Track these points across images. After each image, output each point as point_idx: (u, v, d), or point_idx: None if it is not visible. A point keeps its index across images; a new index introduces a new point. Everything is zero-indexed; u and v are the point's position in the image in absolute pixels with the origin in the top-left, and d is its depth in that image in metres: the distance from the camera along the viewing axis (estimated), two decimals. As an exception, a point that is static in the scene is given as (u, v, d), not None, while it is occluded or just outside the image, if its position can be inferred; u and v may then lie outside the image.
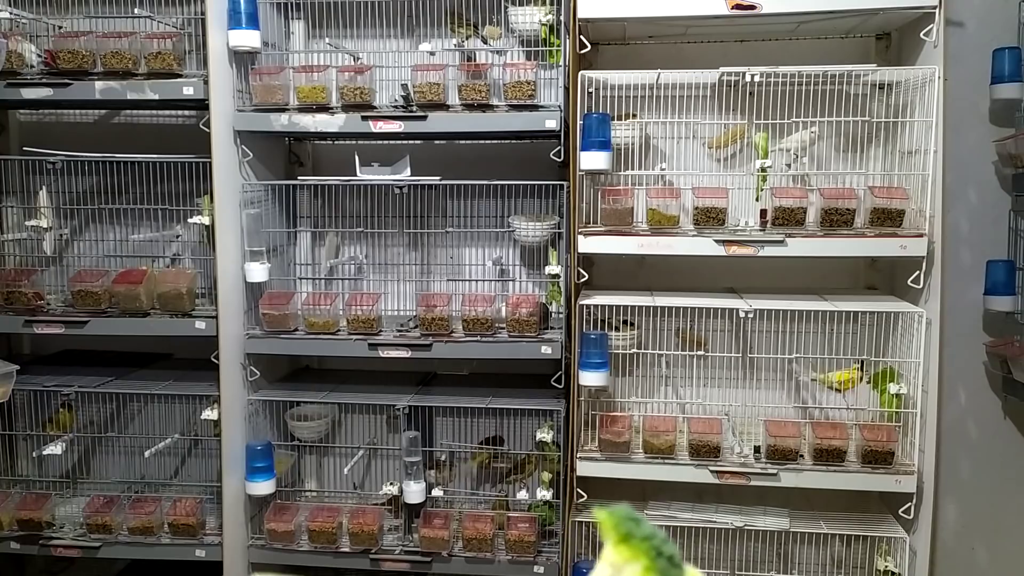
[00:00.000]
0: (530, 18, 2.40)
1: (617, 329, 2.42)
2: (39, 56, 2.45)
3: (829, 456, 2.27)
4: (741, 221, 2.31)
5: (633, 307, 2.39)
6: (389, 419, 2.75)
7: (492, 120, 2.36)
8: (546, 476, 2.47)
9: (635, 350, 2.44)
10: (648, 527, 0.36)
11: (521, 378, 2.69)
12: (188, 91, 2.35)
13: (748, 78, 2.27)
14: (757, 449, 2.32)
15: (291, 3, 2.57)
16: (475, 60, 2.46)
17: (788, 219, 2.24)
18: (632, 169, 2.45)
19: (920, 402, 2.24)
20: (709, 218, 2.26)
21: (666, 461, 2.32)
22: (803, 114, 2.35)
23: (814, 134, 2.37)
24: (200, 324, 2.42)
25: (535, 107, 2.35)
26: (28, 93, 2.40)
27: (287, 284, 2.71)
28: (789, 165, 2.47)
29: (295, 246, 2.81)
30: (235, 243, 2.47)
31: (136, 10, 2.44)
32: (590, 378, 2.27)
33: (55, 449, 2.49)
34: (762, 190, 2.29)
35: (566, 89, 2.34)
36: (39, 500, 2.55)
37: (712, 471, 2.29)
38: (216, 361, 2.39)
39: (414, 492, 2.45)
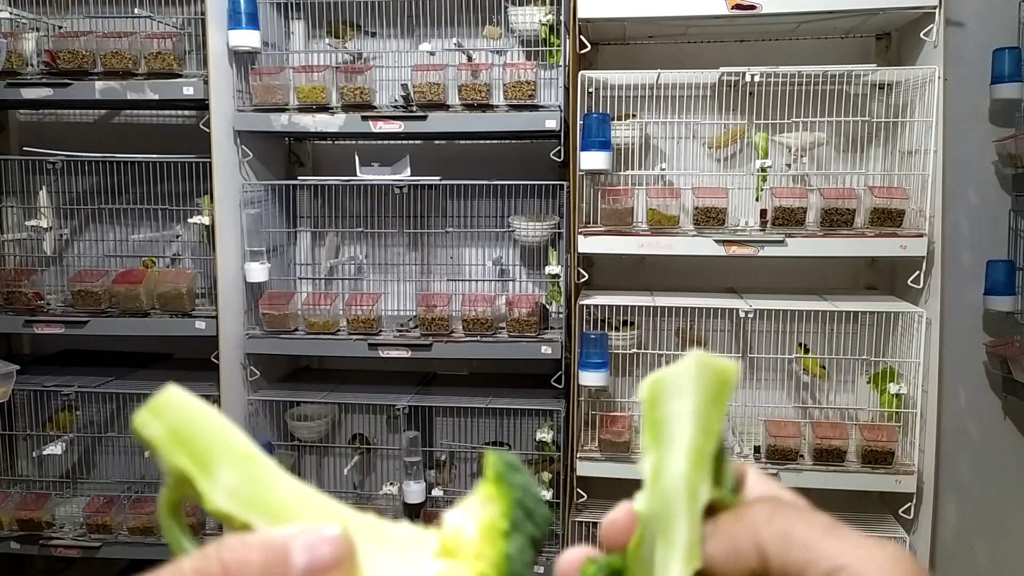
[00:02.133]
0: (530, 18, 2.40)
1: (617, 329, 2.42)
2: (39, 56, 2.45)
3: (829, 456, 2.27)
4: (741, 221, 2.31)
5: (633, 307, 2.39)
6: (389, 419, 2.75)
7: (492, 120, 2.36)
8: (546, 476, 2.47)
9: (635, 350, 2.44)
10: (524, 479, 0.36)
11: (521, 378, 2.69)
12: (188, 91, 2.35)
13: (748, 78, 2.27)
14: (757, 449, 2.32)
15: (291, 3, 2.58)
16: (475, 60, 2.46)
17: (788, 219, 2.24)
18: (632, 169, 2.46)
19: (920, 402, 2.24)
20: (709, 218, 2.27)
21: (666, 461, 2.31)
22: (803, 114, 2.35)
23: (821, 138, 2.37)
24: (200, 324, 2.42)
25: (535, 107, 2.35)
26: (28, 93, 2.40)
27: (287, 284, 2.71)
28: (789, 165, 2.47)
29: (295, 246, 2.82)
30: (235, 243, 2.47)
31: (136, 10, 2.44)
32: (590, 378, 2.27)
33: (55, 449, 2.49)
34: (762, 190, 2.29)
35: (566, 89, 2.34)
36: (39, 500, 2.55)
37: (712, 471, 2.28)
38: (216, 361, 2.39)
39: (414, 492, 2.45)
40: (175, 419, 0.34)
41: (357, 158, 2.48)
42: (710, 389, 0.35)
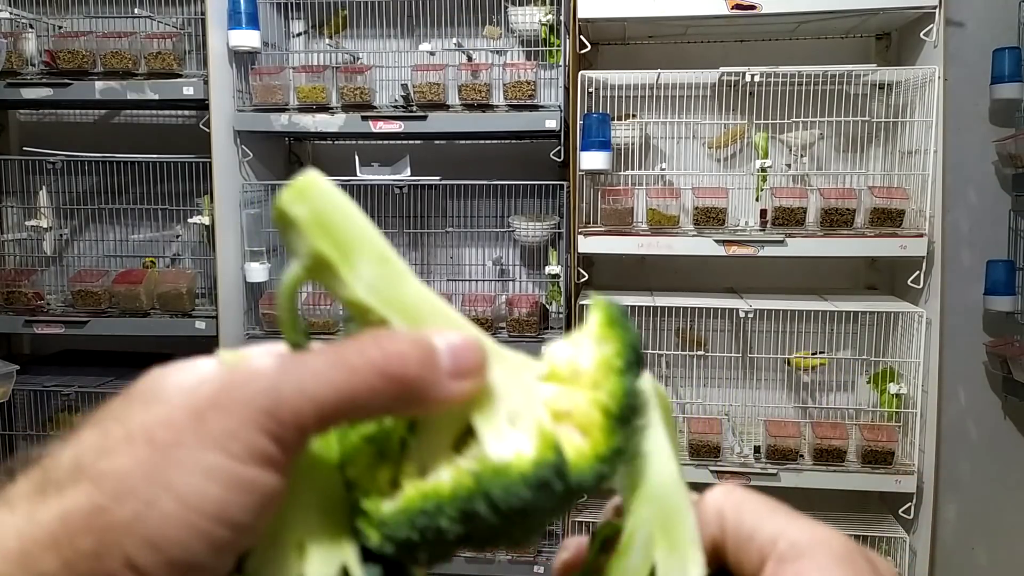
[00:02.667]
0: (530, 18, 2.40)
1: (617, 329, 2.41)
2: (40, 56, 2.45)
3: (829, 456, 2.27)
4: (741, 221, 2.31)
5: (633, 307, 2.39)
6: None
7: (492, 120, 2.37)
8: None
9: (635, 350, 2.44)
10: (633, 327, 0.37)
11: (521, 378, 2.69)
12: (188, 91, 2.35)
13: (748, 78, 2.27)
14: (757, 449, 2.33)
15: (291, 3, 2.58)
16: (475, 60, 2.46)
17: (788, 219, 2.24)
18: (632, 169, 2.46)
19: (920, 402, 2.24)
20: (709, 218, 2.27)
21: (666, 461, 2.31)
22: (803, 114, 2.35)
23: (814, 135, 2.37)
24: (200, 324, 2.42)
25: (535, 107, 2.35)
26: (28, 93, 2.40)
27: (287, 284, 2.70)
28: (789, 165, 2.47)
29: (295, 246, 2.81)
30: (235, 243, 2.47)
31: (136, 10, 2.45)
32: (590, 378, 2.27)
33: (55, 449, 2.49)
34: (762, 190, 2.29)
35: (566, 89, 2.34)
36: (39, 500, 2.55)
37: (712, 471, 2.29)
38: (216, 361, 2.38)
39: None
40: (319, 203, 0.33)
41: (357, 158, 2.48)
42: (663, 405, 0.36)
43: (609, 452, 0.33)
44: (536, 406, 0.33)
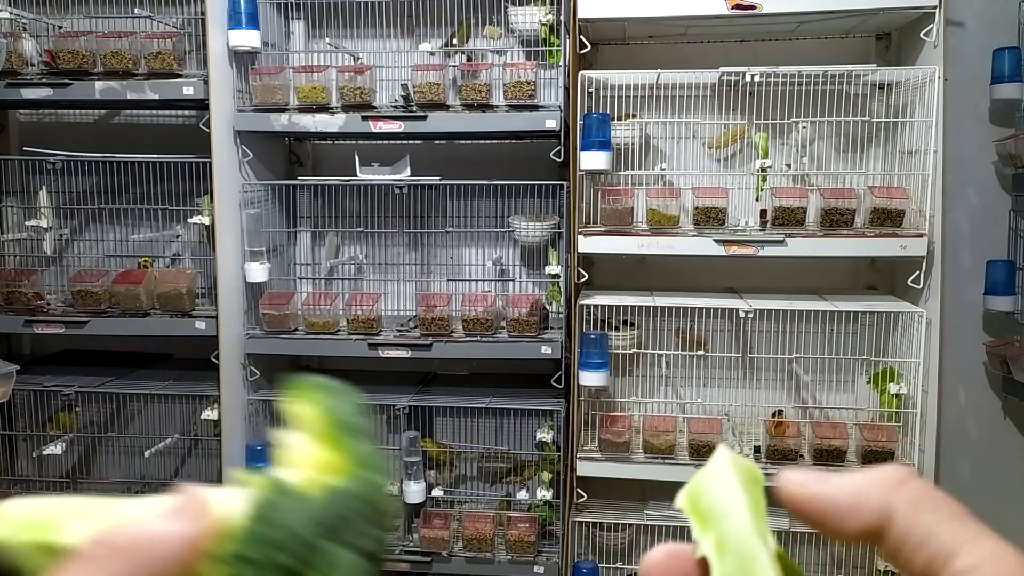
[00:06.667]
0: (530, 18, 2.40)
1: (617, 329, 2.42)
2: (39, 56, 2.45)
3: (829, 456, 2.27)
4: (741, 221, 2.32)
5: (633, 307, 2.39)
6: (389, 419, 2.75)
7: (492, 120, 2.36)
8: (546, 476, 2.47)
9: (635, 350, 2.44)
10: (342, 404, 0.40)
11: (521, 378, 2.69)
12: (188, 91, 2.35)
13: (748, 78, 2.27)
14: (757, 449, 2.32)
15: (291, 3, 2.58)
16: (475, 60, 2.46)
17: (788, 219, 2.24)
18: (632, 169, 2.46)
19: (920, 402, 2.24)
20: (709, 218, 2.27)
21: (666, 461, 2.32)
22: (803, 114, 2.35)
23: (805, 130, 2.37)
24: (200, 324, 2.42)
25: (535, 107, 2.35)
26: (28, 93, 2.40)
27: (287, 284, 2.71)
28: (789, 165, 2.47)
29: (295, 246, 2.81)
30: (235, 243, 2.47)
31: (136, 10, 2.44)
32: (590, 378, 2.27)
33: (55, 449, 2.49)
34: (762, 190, 2.29)
35: (566, 89, 2.34)
36: (39, 500, 2.55)
37: (712, 471, 2.28)
38: (216, 361, 2.39)
39: (414, 492, 2.45)
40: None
41: (357, 158, 2.48)
42: (745, 476, 0.37)
43: (349, 462, 0.36)
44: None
